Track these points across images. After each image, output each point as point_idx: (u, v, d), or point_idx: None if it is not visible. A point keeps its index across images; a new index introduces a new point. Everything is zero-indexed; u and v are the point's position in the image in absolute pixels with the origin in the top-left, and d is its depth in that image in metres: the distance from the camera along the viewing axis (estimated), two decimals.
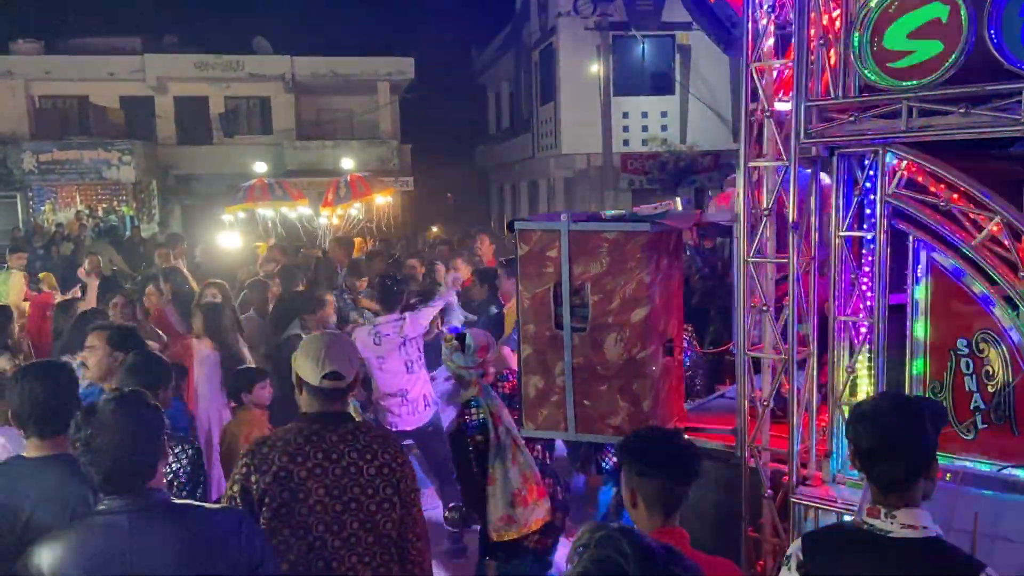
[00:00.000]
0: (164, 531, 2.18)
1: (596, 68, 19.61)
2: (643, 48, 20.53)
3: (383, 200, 11.53)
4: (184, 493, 3.27)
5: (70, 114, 23.62)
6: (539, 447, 4.10)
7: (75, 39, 24.26)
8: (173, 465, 3.35)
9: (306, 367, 2.83)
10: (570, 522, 4.24)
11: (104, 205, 21.94)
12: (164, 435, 2.32)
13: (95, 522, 2.19)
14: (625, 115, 20.59)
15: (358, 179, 11.22)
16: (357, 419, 3.43)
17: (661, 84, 20.77)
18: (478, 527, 4.13)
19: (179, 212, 23.17)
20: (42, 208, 20.87)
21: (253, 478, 2.70)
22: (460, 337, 3.93)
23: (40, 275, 7.81)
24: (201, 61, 23.88)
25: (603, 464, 4.53)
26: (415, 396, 5.82)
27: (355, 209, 11.26)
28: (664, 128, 20.74)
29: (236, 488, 2.72)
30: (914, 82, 2.91)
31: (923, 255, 3.04)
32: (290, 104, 25.27)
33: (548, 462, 4.15)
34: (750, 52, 3.25)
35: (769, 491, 3.32)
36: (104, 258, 10.34)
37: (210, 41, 24.50)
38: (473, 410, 3.90)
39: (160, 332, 6.12)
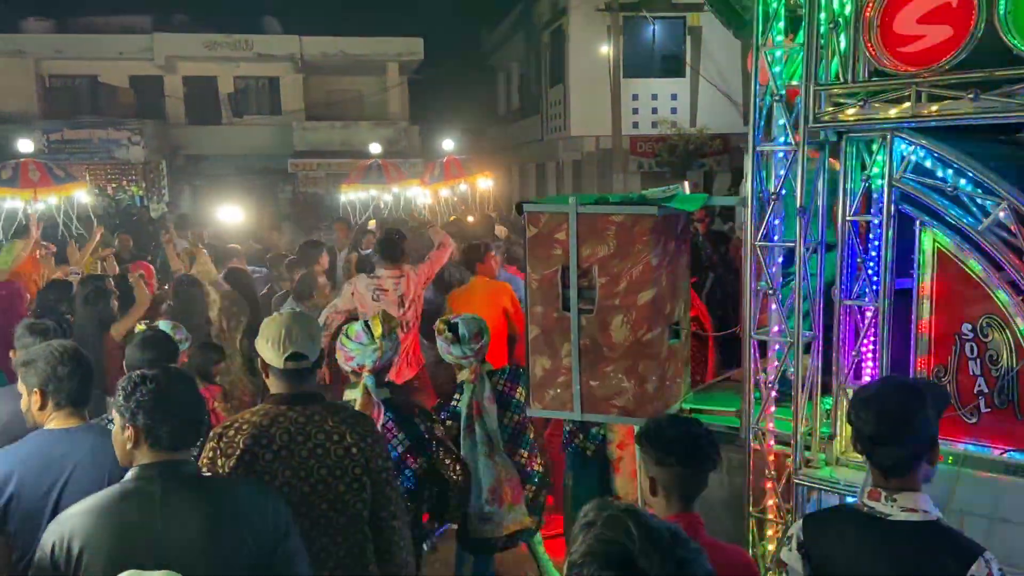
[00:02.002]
0: (193, 501, 2.23)
1: (606, 50, 19.50)
2: (654, 30, 20.40)
3: (485, 183, 11.40)
4: None
5: (80, 93, 23.71)
6: (525, 453, 4.09)
7: (85, 17, 24.27)
8: None
9: (268, 350, 2.81)
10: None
11: (114, 185, 22.02)
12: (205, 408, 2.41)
13: (127, 490, 2.25)
14: (635, 97, 20.49)
15: (453, 161, 11.17)
16: (356, 399, 3.44)
17: (671, 66, 20.65)
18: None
19: (189, 192, 23.26)
20: None
21: (219, 461, 2.70)
22: (452, 327, 3.89)
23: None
24: (210, 40, 23.87)
25: (567, 445, 4.46)
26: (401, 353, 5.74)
27: (447, 191, 11.17)
28: (674, 111, 20.64)
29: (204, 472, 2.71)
30: (924, 67, 2.90)
31: (929, 240, 3.05)
32: (299, 84, 25.26)
33: (530, 466, 4.14)
34: (760, 35, 3.24)
35: (773, 473, 3.35)
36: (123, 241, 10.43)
37: (219, 20, 24.50)
38: (456, 396, 3.91)
39: None
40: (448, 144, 12.21)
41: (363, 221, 11.18)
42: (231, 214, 10.76)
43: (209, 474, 2.58)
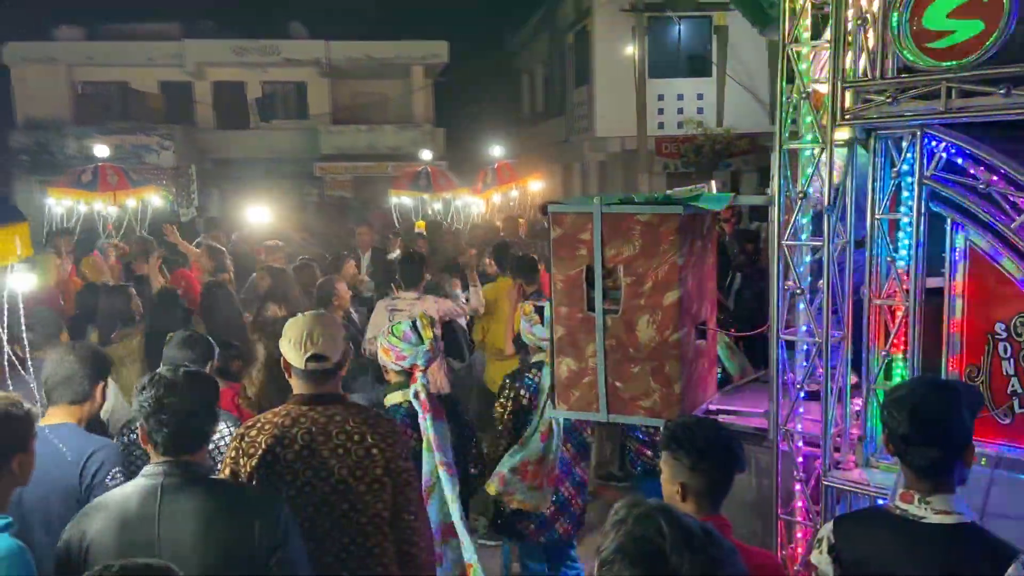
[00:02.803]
0: (194, 501, 2.27)
1: (631, 50, 19.42)
2: (679, 29, 20.29)
3: (536, 185, 11.41)
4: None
5: (111, 99, 24.08)
6: (572, 450, 4.13)
7: (116, 25, 24.65)
8: (215, 437, 3.47)
9: (290, 350, 2.84)
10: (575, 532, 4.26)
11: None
12: (218, 408, 2.43)
13: (135, 487, 2.31)
14: (660, 97, 20.39)
15: (505, 166, 11.19)
16: (402, 400, 3.47)
17: (697, 66, 20.52)
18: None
19: (217, 196, 23.55)
20: None
21: (241, 461, 2.72)
22: (539, 310, 3.99)
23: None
24: (238, 46, 24.16)
25: (635, 464, 4.50)
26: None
27: (498, 196, 11.18)
28: (700, 110, 20.50)
29: (227, 472, 2.75)
30: (953, 62, 2.86)
31: (961, 238, 3.00)
32: (325, 88, 25.47)
33: (576, 469, 4.16)
34: (787, 33, 3.21)
35: (801, 475, 3.32)
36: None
37: (247, 26, 24.77)
38: (535, 372, 3.96)
39: None
40: (497, 150, 12.17)
41: (392, 224, 11.26)
42: (259, 216, 10.87)
43: (218, 476, 2.61)
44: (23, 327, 3.31)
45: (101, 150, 10.61)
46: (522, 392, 4.02)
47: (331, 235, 11.99)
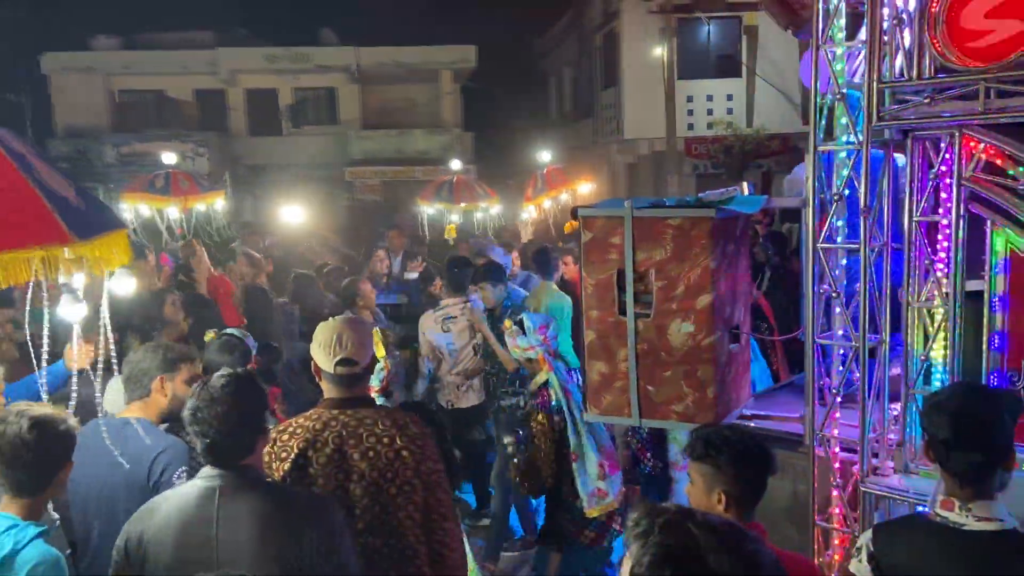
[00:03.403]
0: (250, 505, 2.29)
1: (660, 51, 19.34)
2: (708, 30, 20.15)
3: (586, 188, 11.33)
4: None
5: (147, 107, 24.48)
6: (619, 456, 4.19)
7: (152, 34, 25.06)
8: None
9: (320, 355, 2.85)
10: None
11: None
12: (266, 416, 2.45)
13: (192, 489, 2.35)
14: (689, 99, 20.27)
15: (554, 171, 11.15)
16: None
17: (727, 66, 20.36)
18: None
19: (250, 202, 23.83)
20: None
21: (274, 465, 2.74)
22: (519, 322, 4.03)
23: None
24: (271, 54, 24.45)
25: (641, 467, 4.49)
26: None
27: (548, 202, 11.09)
28: (730, 111, 20.35)
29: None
30: (992, 63, 2.81)
31: (1001, 240, 2.94)
32: (355, 94, 25.67)
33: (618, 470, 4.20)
34: (820, 33, 3.18)
35: (839, 481, 3.27)
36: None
37: (279, 34, 25.05)
38: (549, 391, 3.97)
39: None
40: (545, 155, 12.06)
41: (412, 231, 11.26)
42: (292, 220, 11.00)
43: (271, 480, 2.63)
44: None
45: (169, 157, 10.85)
46: (555, 418, 4.03)
47: (361, 239, 12.07)
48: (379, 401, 3.49)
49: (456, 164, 12.76)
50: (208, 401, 2.33)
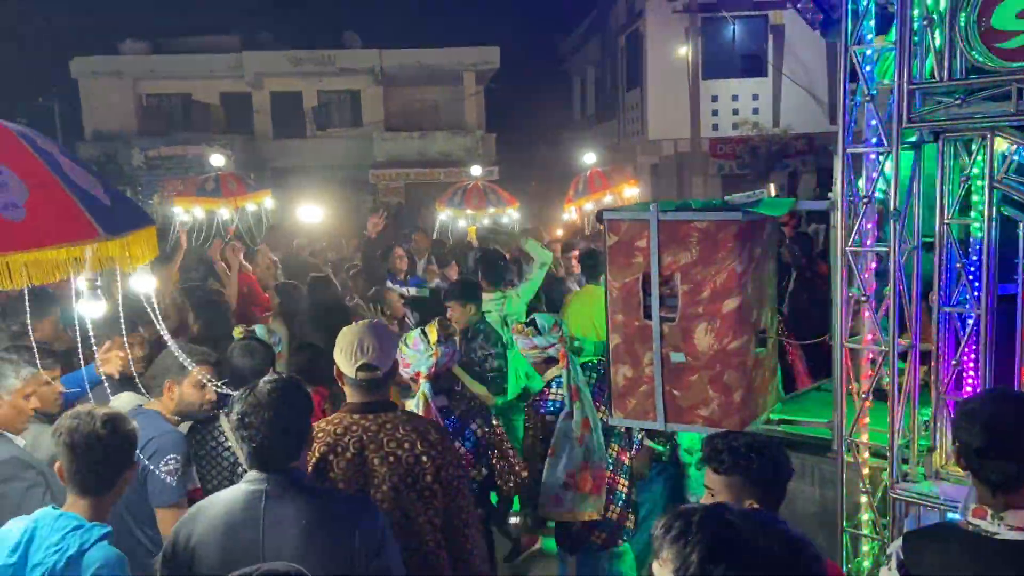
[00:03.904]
0: (295, 508, 2.31)
1: (684, 51, 19.23)
2: (734, 29, 20.01)
3: (631, 192, 11.22)
4: None
5: (174, 111, 24.79)
6: (616, 447, 4.08)
7: (178, 38, 25.36)
8: None
9: (342, 360, 2.87)
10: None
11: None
12: (311, 422, 2.45)
13: (240, 492, 2.37)
14: (714, 99, 20.16)
15: (597, 174, 11.08)
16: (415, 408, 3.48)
17: (753, 66, 20.22)
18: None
19: (277, 204, 23.98)
20: (150, 202, 21.95)
21: None
22: (531, 323, 4.01)
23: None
24: (295, 57, 24.62)
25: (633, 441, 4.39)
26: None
27: (590, 205, 10.88)
28: (755, 111, 20.21)
29: None
30: None
31: None
32: (379, 96, 25.78)
33: (625, 461, 4.12)
34: (850, 34, 3.14)
35: (868, 486, 3.23)
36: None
37: (303, 37, 25.24)
38: (553, 389, 3.93)
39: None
40: (590, 157, 11.93)
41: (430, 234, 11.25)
42: (314, 222, 11.08)
43: (316, 484, 2.65)
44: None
45: (217, 159, 11.03)
46: (548, 418, 3.92)
47: (383, 241, 12.08)
48: (425, 387, 3.45)
49: (476, 170, 12.65)
50: (254, 406, 2.34)
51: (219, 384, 3.43)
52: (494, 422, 3.65)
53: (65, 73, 23.86)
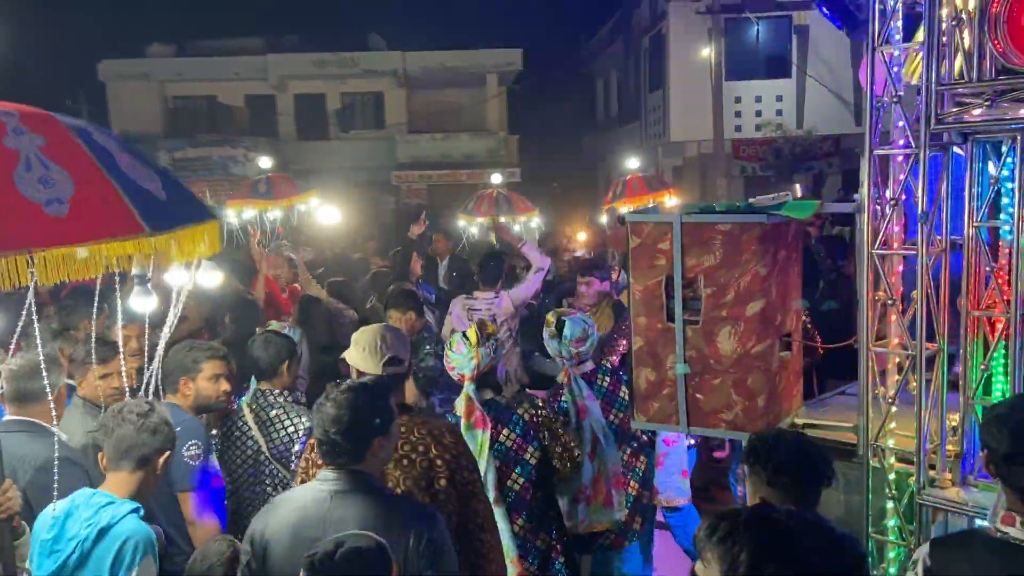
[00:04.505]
0: (357, 509, 2.37)
1: (707, 52, 19.11)
2: (757, 30, 19.88)
3: (671, 202, 11.14)
4: None
5: (200, 113, 25.01)
6: (629, 451, 4.05)
7: (204, 41, 25.61)
8: (291, 431, 3.65)
9: (365, 358, 2.92)
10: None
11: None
12: (383, 428, 2.48)
13: (310, 490, 2.45)
14: (737, 100, 20.02)
15: (638, 179, 11.03)
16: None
17: (776, 66, 20.08)
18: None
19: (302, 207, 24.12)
20: None
21: (311, 472, 2.79)
22: (560, 323, 3.91)
23: None
24: (319, 59, 24.75)
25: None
26: (499, 374, 5.85)
27: (627, 208, 10.91)
28: (779, 112, 20.04)
29: (298, 483, 2.84)
30: None
31: None
32: (402, 98, 25.85)
33: (633, 462, 4.08)
34: (876, 34, 3.11)
35: (894, 492, 3.20)
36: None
37: (327, 39, 25.36)
38: (563, 393, 3.92)
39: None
40: (633, 162, 11.88)
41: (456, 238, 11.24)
42: (337, 224, 11.15)
43: (384, 487, 2.67)
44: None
45: (265, 162, 11.26)
46: (562, 418, 3.88)
47: (406, 243, 12.08)
48: (470, 388, 3.47)
49: (497, 177, 12.61)
50: (326, 404, 2.43)
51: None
52: (540, 404, 3.65)
53: (93, 76, 24.19)
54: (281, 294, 7.15)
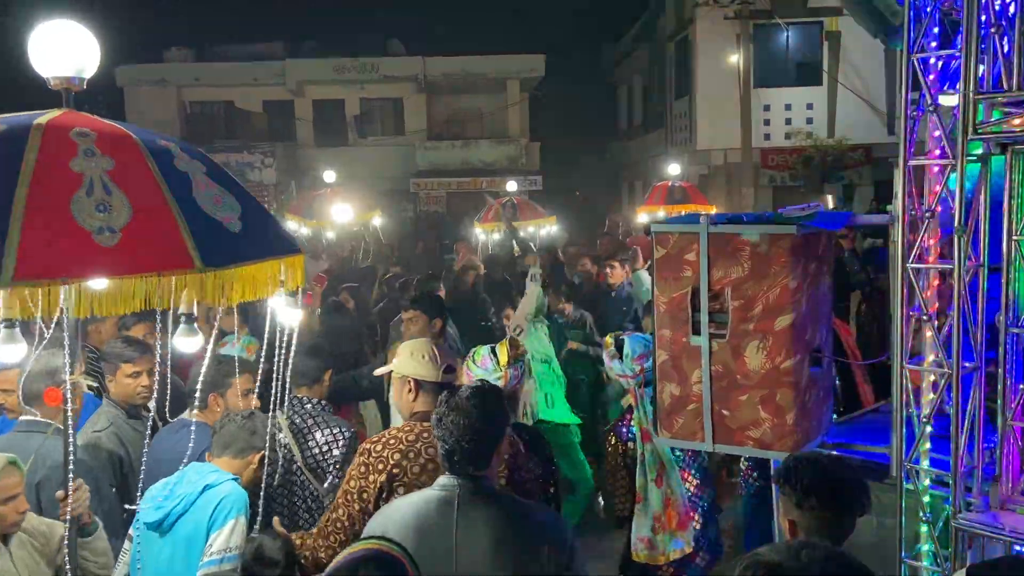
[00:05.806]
0: (487, 515, 2.37)
1: (735, 59, 18.90)
2: (787, 36, 19.61)
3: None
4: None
5: (217, 118, 25.13)
6: (695, 479, 3.95)
7: (222, 47, 25.74)
8: (322, 442, 3.62)
9: (423, 366, 3.01)
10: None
11: None
12: (505, 432, 2.51)
13: (432, 496, 2.44)
14: (766, 108, 19.72)
15: (678, 187, 10.93)
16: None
17: (807, 74, 19.72)
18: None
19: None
20: None
21: (371, 477, 2.84)
22: (620, 343, 3.83)
23: None
24: (338, 64, 24.78)
25: (746, 487, 4.24)
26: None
27: (661, 214, 10.75)
28: (809, 121, 19.68)
29: (352, 485, 2.87)
30: None
31: None
32: (422, 104, 25.83)
33: (699, 493, 3.97)
34: (912, 42, 3.01)
35: (928, 516, 3.08)
36: None
37: (346, 44, 25.38)
38: (632, 416, 3.84)
39: None
40: (674, 168, 11.86)
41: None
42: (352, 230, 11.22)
43: (506, 492, 2.69)
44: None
45: (329, 176, 11.46)
46: (630, 444, 3.91)
47: (424, 251, 12.10)
48: None
49: (512, 185, 12.57)
50: (451, 410, 2.43)
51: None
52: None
53: (111, 81, 24.36)
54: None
